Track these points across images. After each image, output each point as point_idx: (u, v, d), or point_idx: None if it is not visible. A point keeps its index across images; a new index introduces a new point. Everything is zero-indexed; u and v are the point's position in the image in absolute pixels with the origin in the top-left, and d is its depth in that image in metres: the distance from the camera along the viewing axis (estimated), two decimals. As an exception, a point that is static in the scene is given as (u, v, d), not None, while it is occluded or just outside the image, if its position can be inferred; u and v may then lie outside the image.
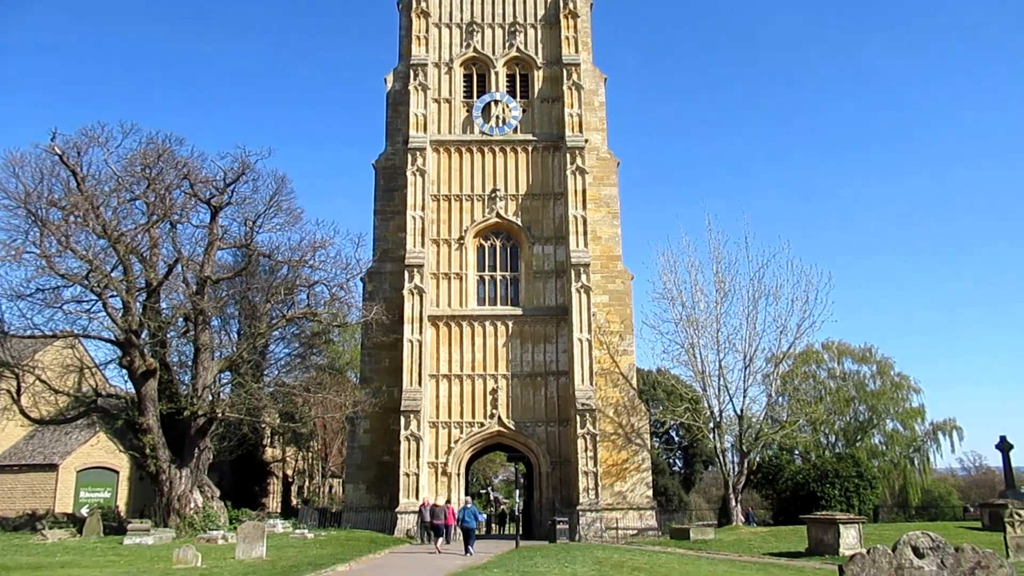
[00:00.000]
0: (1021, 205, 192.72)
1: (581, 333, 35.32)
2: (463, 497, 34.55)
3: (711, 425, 35.99)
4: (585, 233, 36.83)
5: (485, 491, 62.54)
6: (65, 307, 29.60)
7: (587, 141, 38.49)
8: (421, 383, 34.63)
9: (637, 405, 37.15)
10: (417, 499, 32.59)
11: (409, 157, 37.64)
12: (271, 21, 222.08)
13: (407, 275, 35.81)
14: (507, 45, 40.69)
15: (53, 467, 35.36)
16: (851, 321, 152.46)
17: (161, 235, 32.02)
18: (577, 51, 40.12)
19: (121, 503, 36.70)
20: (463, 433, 35.79)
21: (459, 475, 35.72)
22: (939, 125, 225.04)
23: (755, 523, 40.42)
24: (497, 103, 39.66)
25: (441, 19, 41.05)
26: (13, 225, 28.75)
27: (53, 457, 35.77)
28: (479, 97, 39.88)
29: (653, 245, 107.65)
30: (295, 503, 52.45)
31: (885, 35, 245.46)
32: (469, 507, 26.41)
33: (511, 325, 37.07)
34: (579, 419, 33.98)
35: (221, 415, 31.42)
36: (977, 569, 6.40)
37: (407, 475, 33.36)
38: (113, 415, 32.53)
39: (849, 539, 21.03)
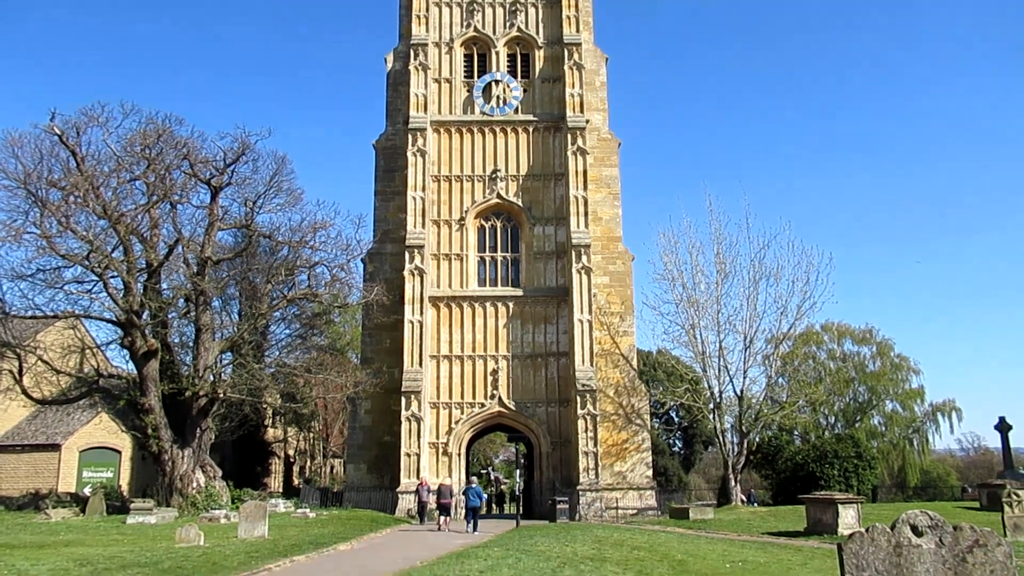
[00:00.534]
0: (1022, 187, 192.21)
1: (582, 314, 35.31)
2: (463, 477, 34.86)
3: (711, 406, 36.15)
4: (586, 214, 36.74)
5: (486, 471, 62.89)
6: (66, 287, 29.72)
7: (588, 121, 38.27)
8: (422, 364, 34.69)
9: (637, 386, 37.22)
10: (418, 479, 32.73)
11: (409, 137, 37.47)
12: (270, 1, 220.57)
13: (408, 256, 35.76)
14: (508, 24, 40.34)
15: (56, 447, 35.59)
16: (852, 302, 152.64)
17: (161, 215, 32.03)
18: (578, 31, 39.81)
19: (124, 483, 36.94)
20: (464, 413, 35.88)
21: (460, 455, 35.86)
22: (941, 109, 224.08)
23: (756, 503, 40.71)
24: (498, 83, 39.37)
25: (441, -2, 40.71)
26: (13, 206, 28.80)
27: (56, 437, 35.99)
28: (480, 77, 39.57)
29: (654, 226, 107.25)
30: (297, 483, 52.70)
31: (896, 16, 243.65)
32: (473, 487, 26.94)
33: (512, 306, 37.07)
34: (579, 400, 34.06)
35: (223, 395, 31.58)
36: (975, 547, 6.43)
37: (408, 455, 33.48)
38: (115, 395, 32.71)
39: (848, 519, 21.12)
